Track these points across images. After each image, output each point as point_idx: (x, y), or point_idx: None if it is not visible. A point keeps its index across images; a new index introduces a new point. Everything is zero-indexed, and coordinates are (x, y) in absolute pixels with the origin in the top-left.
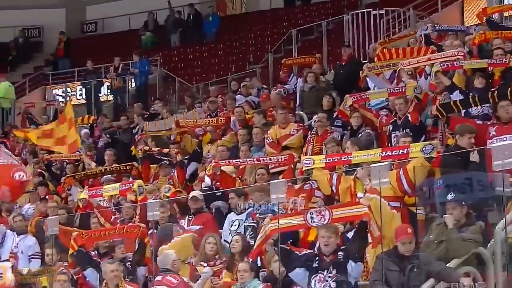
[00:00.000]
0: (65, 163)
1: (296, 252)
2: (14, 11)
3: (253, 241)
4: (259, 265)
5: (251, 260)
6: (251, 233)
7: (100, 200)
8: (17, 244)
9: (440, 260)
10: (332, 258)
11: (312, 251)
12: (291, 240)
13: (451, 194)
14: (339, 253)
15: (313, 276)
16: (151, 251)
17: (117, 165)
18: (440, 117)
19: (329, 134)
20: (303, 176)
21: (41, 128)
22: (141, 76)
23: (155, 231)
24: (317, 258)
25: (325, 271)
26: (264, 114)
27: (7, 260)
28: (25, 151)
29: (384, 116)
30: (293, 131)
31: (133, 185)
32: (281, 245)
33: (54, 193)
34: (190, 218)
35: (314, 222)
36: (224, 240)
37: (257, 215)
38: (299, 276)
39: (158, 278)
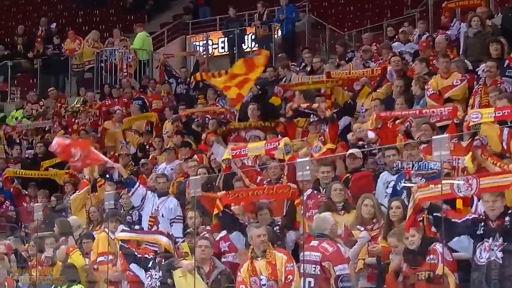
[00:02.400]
0: (207, 118)
1: (455, 219)
2: None
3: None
4: None
5: None
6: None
7: (244, 159)
8: (158, 207)
9: None
10: (498, 223)
11: (476, 215)
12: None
13: None
14: (506, 218)
15: (478, 245)
16: (302, 214)
17: (262, 121)
18: None
19: (498, 84)
20: (470, 132)
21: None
22: (288, 23)
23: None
24: (482, 223)
25: (491, 238)
26: (426, 63)
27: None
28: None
29: None
30: (456, 82)
31: (279, 143)
32: (435, 214)
33: (199, 153)
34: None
35: (460, 192)
36: (380, 203)
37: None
38: (462, 244)
39: (314, 243)
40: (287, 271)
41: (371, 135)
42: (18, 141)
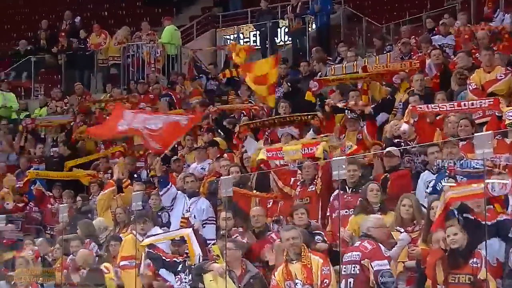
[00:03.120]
0: (242, 114)
1: (485, 221)
2: None
3: None
4: None
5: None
6: None
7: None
8: (189, 207)
9: None
10: None
11: (509, 217)
12: None
13: None
14: None
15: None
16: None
17: (297, 114)
18: None
19: None
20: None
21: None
22: (323, 16)
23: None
24: None
25: None
26: (469, 55)
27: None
28: (193, 102)
29: None
30: (500, 76)
31: (317, 148)
32: (465, 215)
33: (229, 151)
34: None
35: (494, 191)
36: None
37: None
38: (492, 248)
39: (356, 244)
40: (323, 274)
41: (405, 127)
42: (42, 136)
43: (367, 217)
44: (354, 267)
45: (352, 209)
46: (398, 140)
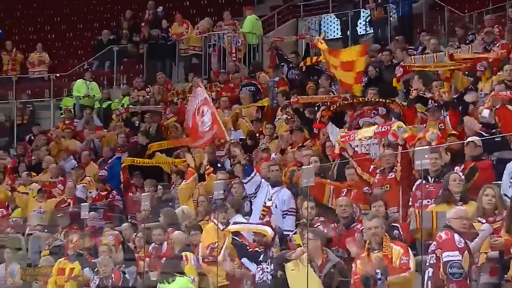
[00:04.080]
0: (319, 105)
1: None
2: None
3: None
4: None
5: None
6: None
7: (357, 146)
8: (271, 196)
9: None
10: None
11: None
12: None
13: None
14: None
15: None
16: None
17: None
18: None
19: None
20: None
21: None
22: (405, 5)
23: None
24: None
25: None
26: None
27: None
28: (276, 92)
29: None
30: None
31: (391, 126)
32: None
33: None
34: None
35: None
36: (504, 194)
37: None
38: None
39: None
40: (401, 263)
41: (486, 113)
42: (136, 125)
43: (450, 208)
44: (431, 257)
45: (433, 199)
46: (481, 130)
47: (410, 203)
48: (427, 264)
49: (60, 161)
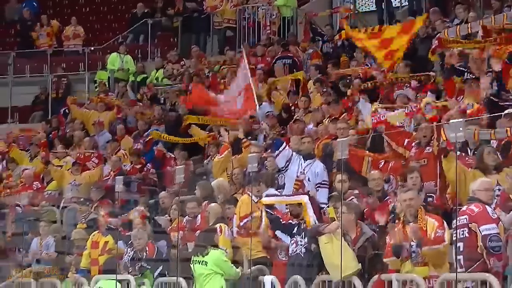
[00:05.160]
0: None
1: None
2: None
3: None
4: None
5: None
6: None
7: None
8: (304, 169)
9: None
10: None
11: None
12: None
13: None
14: None
15: None
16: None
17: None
18: None
19: None
20: None
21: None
22: None
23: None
24: None
25: None
26: None
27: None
28: (310, 66)
29: None
30: None
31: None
32: None
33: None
34: None
35: None
36: None
37: None
38: None
39: (464, 208)
40: (436, 236)
41: None
42: (162, 101)
43: (475, 181)
44: (463, 231)
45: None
46: None
47: None
48: (458, 237)
49: (94, 134)
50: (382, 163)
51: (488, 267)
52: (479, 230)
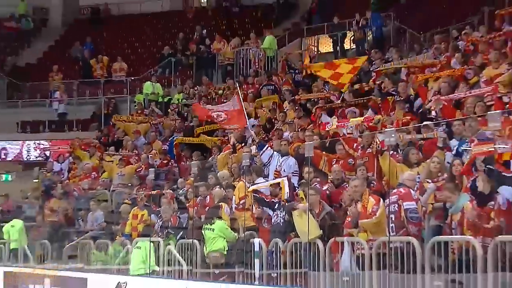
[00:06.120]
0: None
1: (504, 173)
2: None
3: None
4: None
5: None
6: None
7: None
8: (281, 164)
9: None
10: None
11: None
12: None
13: None
14: None
15: None
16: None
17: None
18: None
19: None
20: None
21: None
22: (377, 29)
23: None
24: None
25: None
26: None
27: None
28: (284, 91)
29: None
30: (504, 70)
31: (373, 119)
32: (488, 166)
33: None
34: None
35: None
36: (447, 162)
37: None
38: (508, 191)
39: (395, 190)
40: (372, 211)
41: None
42: (185, 115)
43: (404, 173)
44: (394, 206)
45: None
46: (430, 116)
47: None
48: (390, 211)
49: (133, 139)
50: (334, 161)
51: (409, 231)
52: (403, 206)
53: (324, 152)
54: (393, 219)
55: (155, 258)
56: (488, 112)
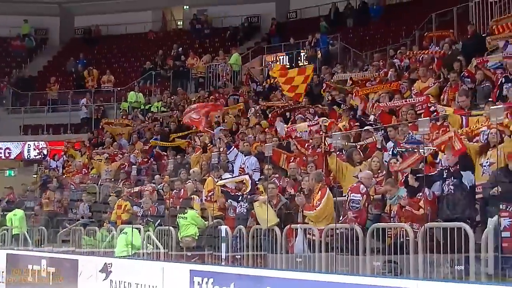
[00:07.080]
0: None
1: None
2: (239, 5)
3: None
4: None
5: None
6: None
7: (298, 134)
8: (244, 162)
9: None
10: (454, 168)
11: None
12: None
13: None
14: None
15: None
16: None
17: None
18: None
19: (460, 86)
20: (442, 115)
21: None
22: (326, 48)
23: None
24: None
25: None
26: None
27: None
28: (248, 100)
29: (499, 74)
30: (431, 84)
31: (319, 121)
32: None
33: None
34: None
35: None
36: (385, 161)
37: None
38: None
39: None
40: (316, 204)
41: (371, 117)
42: (161, 121)
43: (361, 172)
44: (345, 197)
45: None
46: (370, 122)
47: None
48: (339, 201)
49: (118, 140)
50: (292, 158)
51: (351, 218)
52: (349, 196)
53: (283, 151)
54: (346, 209)
55: (141, 242)
56: (419, 119)
